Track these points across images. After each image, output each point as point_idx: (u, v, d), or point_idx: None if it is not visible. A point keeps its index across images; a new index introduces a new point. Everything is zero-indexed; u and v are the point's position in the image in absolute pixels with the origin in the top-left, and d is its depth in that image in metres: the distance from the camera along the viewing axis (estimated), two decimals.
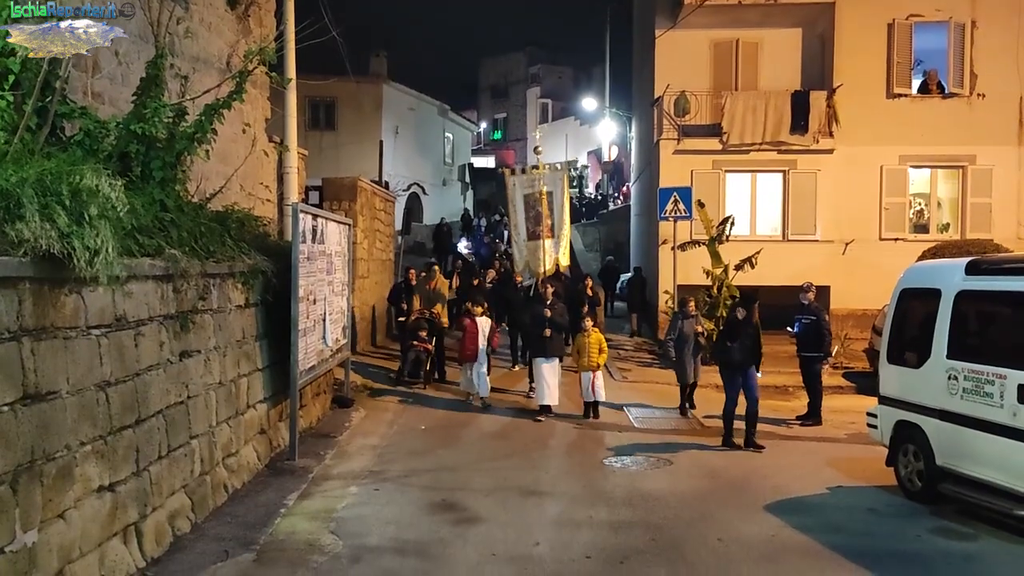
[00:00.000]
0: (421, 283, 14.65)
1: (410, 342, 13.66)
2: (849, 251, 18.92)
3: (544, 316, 11.77)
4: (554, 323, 11.76)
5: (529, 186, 13.46)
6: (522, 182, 13.54)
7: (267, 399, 8.77)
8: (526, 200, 13.34)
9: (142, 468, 5.82)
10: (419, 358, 13.61)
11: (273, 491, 7.74)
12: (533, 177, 13.57)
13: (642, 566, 6.13)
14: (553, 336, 11.75)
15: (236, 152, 10.33)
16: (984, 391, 6.86)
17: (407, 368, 13.65)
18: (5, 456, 4.19)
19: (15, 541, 4.25)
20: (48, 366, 4.64)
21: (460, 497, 7.79)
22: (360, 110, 30.15)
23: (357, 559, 6.14)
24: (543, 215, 13.23)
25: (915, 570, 6.13)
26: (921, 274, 8.21)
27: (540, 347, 11.85)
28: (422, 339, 13.62)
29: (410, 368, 13.62)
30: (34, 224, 4.25)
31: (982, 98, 18.75)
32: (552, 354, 11.75)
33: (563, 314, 12.08)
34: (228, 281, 7.71)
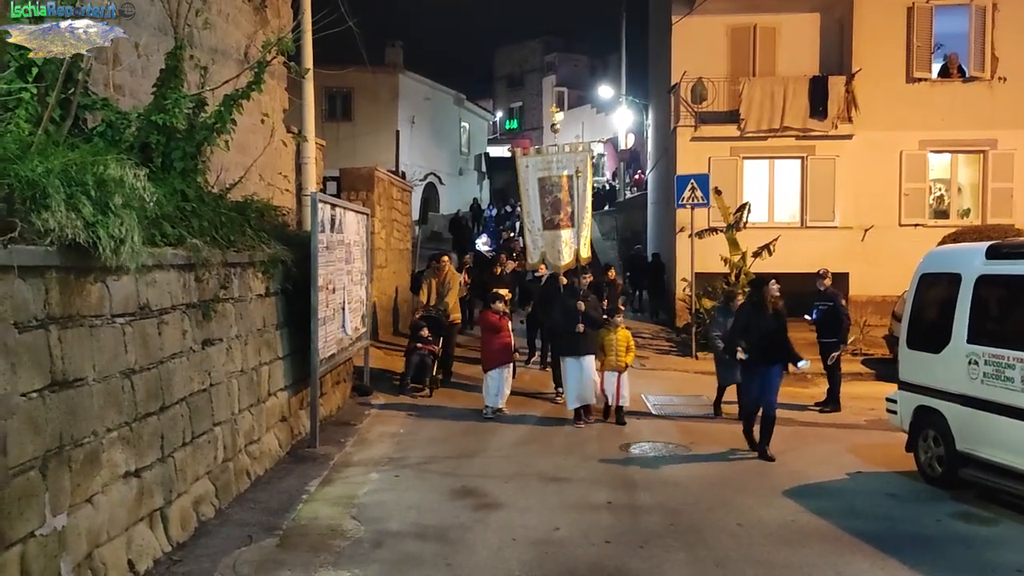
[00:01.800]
0: (428, 275, 13.49)
1: (413, 344, 12.38)
2: (868, 237, 18.80)
3: (577, 310, 10.48)
4: (589, 318, 10.51)
5: (545, 168, 11.95)
6: (536, 164, 12.03)
7: (288, 387, 8.86)
8: (541, 184, 11.86)
9: (167, 454, 5.91)
10: (423, 362, 12.21)
11: (295, 478, 7.83)
12: (550, 159, 12.07)
13: (662, 550, 6.17)
14: (587, 332, 10.52)
15: (255, 142, 10.39)
16: (1005, 375, 6.83)
17: (410, 373, 12.23)
18: (34, 441, 4.27)
19: (45, 524, 4.33)
20: (74, 353, 4.72)
21: (480, 483, 7.84)
22: (376, 100, 30.24)
23: (379, 544, 6.21)
24: (562, 201, 11.83)
25: (935, 554, 6.12)
26: (941, 259, 8.17)
27: (572, 345, 10.59)
28: (425, 339, 12.28)
29: (414, 373, 12.21)
30: (60, 214, 4.32)
31: (1003, 82, 18.53)
32: (586, 352, 10.56)
33: (597, 307, 10.94)
34: (248, 270, 7.78)
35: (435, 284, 13.18)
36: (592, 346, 10.62)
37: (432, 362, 12.27)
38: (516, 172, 12.22)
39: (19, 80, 5.38)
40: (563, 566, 5.86)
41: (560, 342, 11.06)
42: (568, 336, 10.61)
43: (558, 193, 11.83)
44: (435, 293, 13.12)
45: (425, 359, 12.19)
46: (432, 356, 12.27)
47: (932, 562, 5.95)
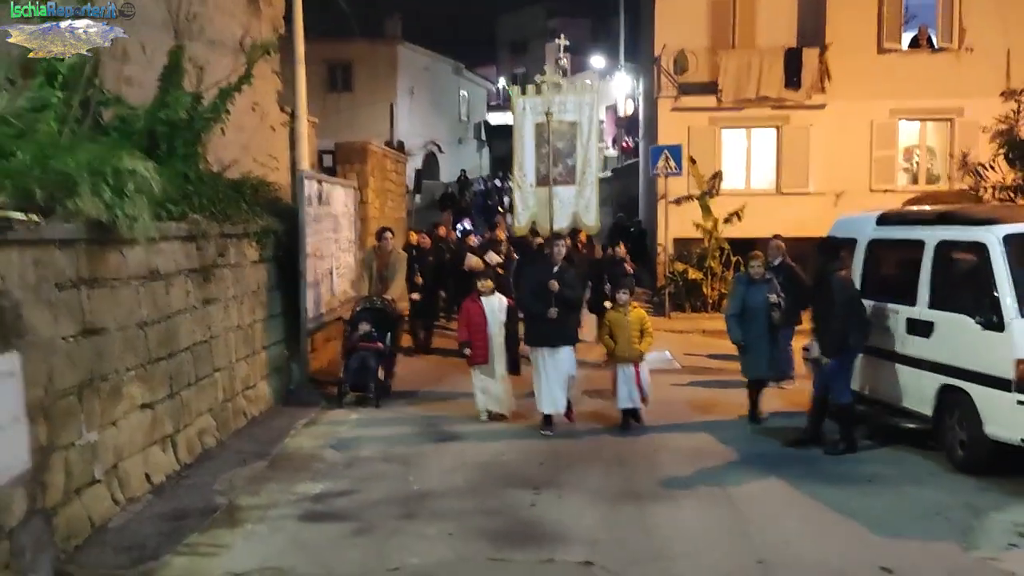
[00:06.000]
0: (369, 257, 11.11)
1: (351, 342, 9.99)
2: (840, 203, 19.73)
3: (549, 287, 8.38)
4: (564, 299, 8.45)
5: (543, 110, 9.72)
6: (534, 106, 9.83)
7: (280, 342, 10.13)
8: (539, 131, 9.78)
9: (175, 392, 7.20)
10: (365, 364, 9.77)
11: (284, 418, 9.15)
12: (549, 99, 9.77)
13: (583, 467, 7.45)
14: (562, 317, 8.46)
15: (251, 123, 11.53)
16: (886, 325, 8.01)
17: (348, 380, 9.84)
18: (72, 374, 5.54)
19: (82, 438, 5.63)
20: (99, 308, 5.97)
21: (447, 424, 9.02)
22: (375, 71, 31.19)
23: (350, 465, 7.55)
24: (562, 152, 9.82)
25: None
26: (845, 225, 9.28)
27: (541, 332, 8.57)
28: (368, 335, 9.94)
29: (352, 379, 9.82)
30: (86, 199, 5.51)
31: (970, 52, 19.30)
32: (560, 341, 8.56)
33: (576, 285, 8.78)
34: (243, 240, 9.01)
35: (377, 267, 10.91)
36: (570, 335, 8.72)
37: (377, 364, 9.86)
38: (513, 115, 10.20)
39: (47, 86, 6.53)
40: None
41: (529, 329, 8.78)
42: (538, 321, 8.50)
43: (558, 142, 9.84)
44: (378, 278, 10.85)
45: (368, 360, 9.82)
46: (377, 356, 9.90)
47: None
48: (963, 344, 7.01)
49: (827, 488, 6.75)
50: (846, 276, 8.00)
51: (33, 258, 5.16)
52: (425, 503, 6.58)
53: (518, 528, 6.04)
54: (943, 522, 6.03)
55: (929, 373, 7.43)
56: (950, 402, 7.20)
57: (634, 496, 6.70)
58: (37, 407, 5.09)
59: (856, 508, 6.27)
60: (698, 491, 6.82)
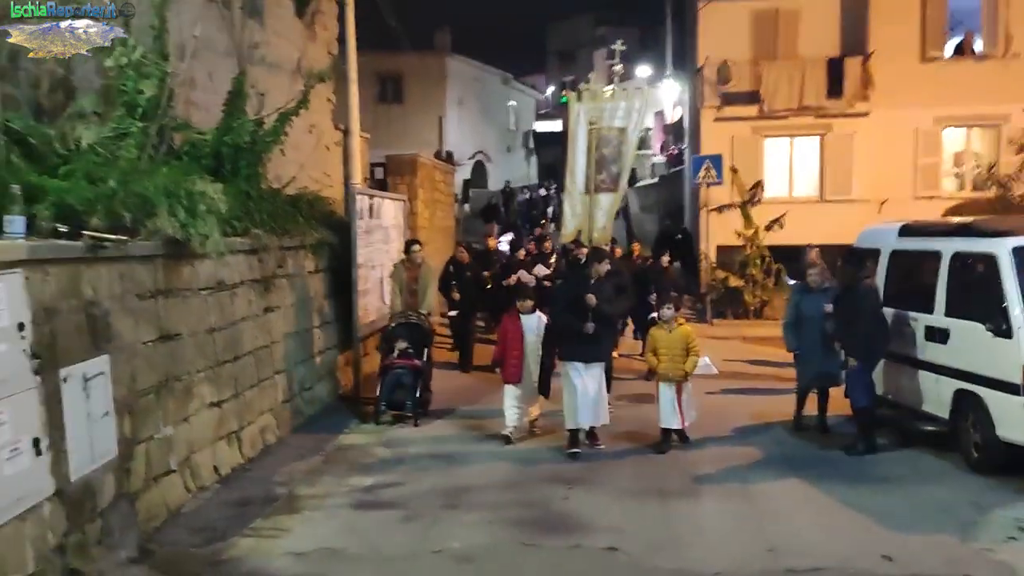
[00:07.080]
0: (398, 271, 10.63)
1: (387, 359, 9.73)
2: (884, 210, 19.82)
3: (587, 303, 8.00)
4: (601, 315, 8.12)
5: (596, 116, 9.75)
6: (588, 111, 9.90)
7: (335, 347, 10.84)
8: (590, 136, 9.84)
9: (240, 392, 7.91)
10: (400, 381, 9.56)
11: (339, 417, 9.84)
12: (602, 106, 9.89)
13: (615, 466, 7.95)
14: (599, 333, 8.13)
15: (308, 142, 12.29)
16: (904, 332, 8.36)
17: (383, 396, 9.56)
18: (150, 375, 6.25)
19: (160, 432, 6.34)
20: (174, 315, 6.68)
21: (493, 424, 9.46)
22: (425, 83, 31.99)
23: (400, 461, 8.18)
24: (607, 159, 9.81)
25: None
26: (869, 236, 9.61)
27: (575, 347, 8.18)
28: (404, 352, 9.71)
29: (387, 396, 9.55)
30: (163, 219, 6.22)
31: (1017, 58, 19.27)
32: (594, 358, 8.29)
33: (614, 300, 8.40)
34: (300, 252, 9.73)
35: (408, 280, 10.45)
36: (604, 352, 8.57)
37: (412, 382, 9.59)
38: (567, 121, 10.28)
39: (128, 117, 7.28)
40: None
41: (563, 343, 8.40)
42: (573, 336, 8.14)
43: (604, 148, 9.90)
44: (408, 292, 10.39)
45: (403, 378, 9.59)
46: (413, 373, 9.63)
47: None
48: (976, 350, 7.36)
49: (842, 486, 7.16)
50: (871, 284, 8.38)
51: (119, 272, 5.89)
52: (466, 495, 7.17)
53: (550, 518, 6.60)
54: (948, 517, 6.41)
55: (946, 378, 7.81)
56: (965, 406, 7.55)
57: (659, 493, 7.19)
58: (122, 403, 5.81)
59: (868, 504, 6.68)
60: (719, 488, 7.30)
